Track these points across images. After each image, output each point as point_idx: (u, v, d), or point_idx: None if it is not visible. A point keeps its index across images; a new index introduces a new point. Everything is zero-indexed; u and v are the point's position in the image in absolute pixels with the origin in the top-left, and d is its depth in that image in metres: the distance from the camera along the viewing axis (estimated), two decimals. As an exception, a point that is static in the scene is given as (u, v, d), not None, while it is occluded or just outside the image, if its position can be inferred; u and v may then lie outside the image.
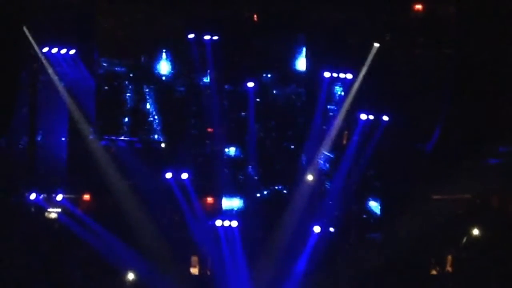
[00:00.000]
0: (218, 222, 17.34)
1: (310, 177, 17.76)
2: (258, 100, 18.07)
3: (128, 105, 18.13)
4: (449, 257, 18.34)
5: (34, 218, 17.47)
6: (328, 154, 17.99)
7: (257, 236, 17.61)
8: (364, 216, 18.37)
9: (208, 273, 18.19)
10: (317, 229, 17.46)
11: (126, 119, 18.10)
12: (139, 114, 18.15)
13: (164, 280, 17.00)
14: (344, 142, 18.18)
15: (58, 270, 17.57)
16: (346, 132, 18.17)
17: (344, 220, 17.89)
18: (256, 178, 18.22)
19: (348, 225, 18.08)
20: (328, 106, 18.09)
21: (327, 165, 18.09)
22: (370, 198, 18.43)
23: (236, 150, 18.36)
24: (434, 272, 18.60)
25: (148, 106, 18.14)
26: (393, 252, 17.42)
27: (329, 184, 18.06)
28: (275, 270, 17.55)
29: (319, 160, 17.89)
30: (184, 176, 17.33)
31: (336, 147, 17.99)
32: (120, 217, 17.19)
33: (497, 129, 17.50)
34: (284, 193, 18.26)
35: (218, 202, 18.08)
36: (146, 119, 18.13)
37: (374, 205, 18.49)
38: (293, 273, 17.59)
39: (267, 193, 18.36)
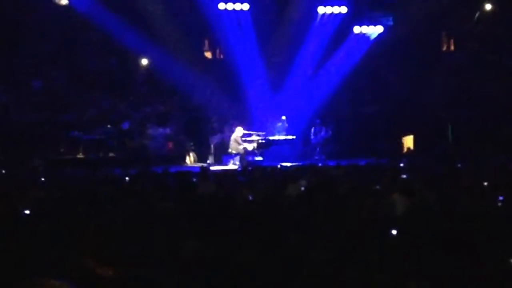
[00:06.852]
0: (229, 6, 17.02)
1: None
2: None
3: None
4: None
5: (45, 5, 17.21)
6: None
7: (268, 20, 17.45)
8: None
9: (221, 56, 18.31)
10: (328, 9, 17.32)
11: None
12: None
13: (177, 64, 17.11)
14: None
15: (72, 54, 17.72)
16: None
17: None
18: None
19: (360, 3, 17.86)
20: None
21: None
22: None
23: None
24: (445, 48, 18.74)
25: None
26: (405, 31, 17.43)
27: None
28: (287, 53, 17.66)
29: None
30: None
31: None
32: (132, 2, 17.02)
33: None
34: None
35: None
36: None
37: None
38: (303, 57, 17.74)
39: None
